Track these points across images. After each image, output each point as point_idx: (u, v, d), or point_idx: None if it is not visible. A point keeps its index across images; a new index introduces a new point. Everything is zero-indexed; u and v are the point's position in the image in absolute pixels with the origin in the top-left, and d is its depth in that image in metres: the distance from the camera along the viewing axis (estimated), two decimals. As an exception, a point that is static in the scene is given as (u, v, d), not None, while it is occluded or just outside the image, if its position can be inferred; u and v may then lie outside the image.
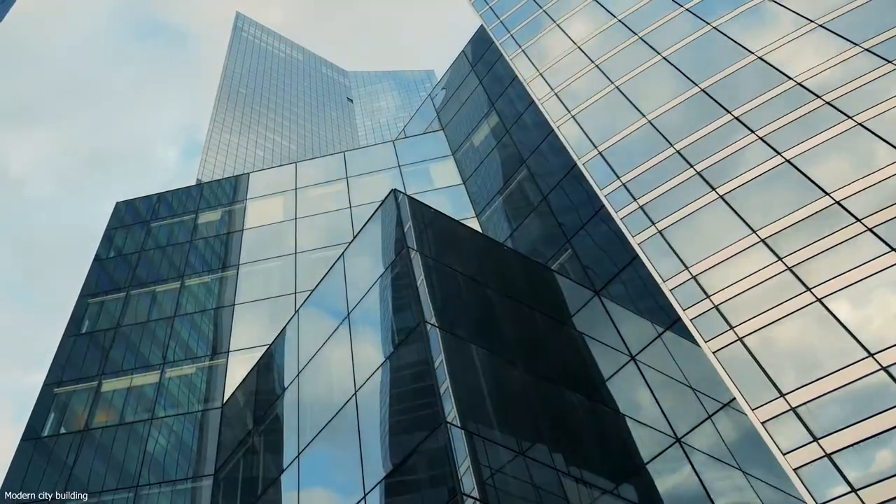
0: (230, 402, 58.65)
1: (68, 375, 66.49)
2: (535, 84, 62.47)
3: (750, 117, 46.19)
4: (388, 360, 41.07)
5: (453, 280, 45.84)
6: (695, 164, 46.27)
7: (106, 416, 61.66)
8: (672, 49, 54.78)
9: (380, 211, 51.27)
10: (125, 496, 54.65)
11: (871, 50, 44.16)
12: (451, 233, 51.37)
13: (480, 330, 43.16)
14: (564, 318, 49.86)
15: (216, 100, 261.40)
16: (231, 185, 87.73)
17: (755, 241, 40.43)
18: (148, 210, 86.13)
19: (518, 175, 66.04)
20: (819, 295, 36.63)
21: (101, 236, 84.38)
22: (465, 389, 37.39)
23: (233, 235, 78.43)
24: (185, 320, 68.84)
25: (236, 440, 54.27)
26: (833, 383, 34.00)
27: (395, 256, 45.81)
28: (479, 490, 31.66)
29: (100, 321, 71.72)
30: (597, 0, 65.61)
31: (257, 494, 47.51)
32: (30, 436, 61.36)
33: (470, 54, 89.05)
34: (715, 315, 39.23)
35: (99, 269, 78.58)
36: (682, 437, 40.80)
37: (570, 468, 37.93)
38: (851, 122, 41.54)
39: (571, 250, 54.81)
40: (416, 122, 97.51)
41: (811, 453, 32.75)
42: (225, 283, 72.24)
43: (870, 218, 37.35)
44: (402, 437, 37.29)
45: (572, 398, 42.80)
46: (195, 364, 64.39)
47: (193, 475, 55.44)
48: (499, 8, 76.91)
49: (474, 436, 34.44)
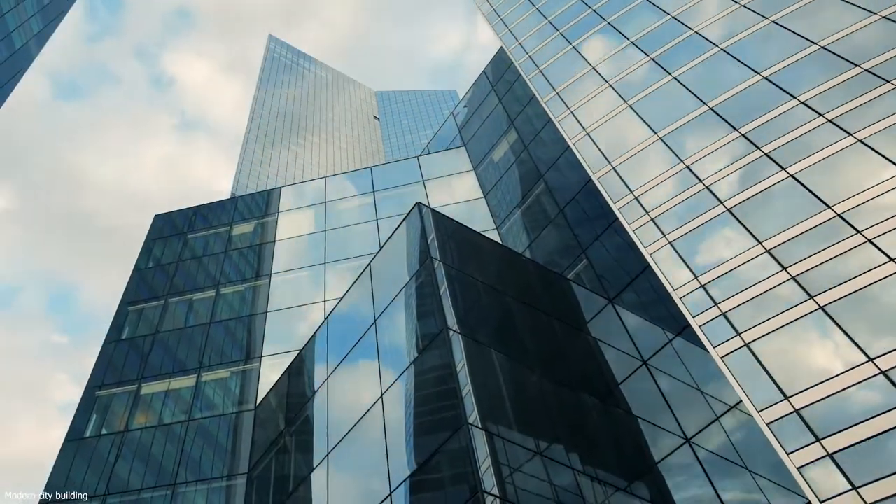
0: (263, 404, 58.71)
1: (109, 379, 66.52)
2: (552, 103, 62.46)
3: (755, 134, 46.13)
4: (412, 364, 41.15)
5: (474, 289, 45.89)
6: (703, 179, 46.26)
7: (145, 418, 61.77)
8: (682, 69, 54.75)
9: (405, 223, 51.32)
10: (163, 494, 54.53)
11: (870, 70, 44.17)
12: (473, 244, 51.40)
13: (500, 336, 43.19)
14: (580, 325, 49.81)
15: (249, 117, 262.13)
16: (263, 199, 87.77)
17: (761, 252, 40.37)
18: (185, 222, 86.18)
19: (536, 189, 66.07)
20: (821, 303, 36.64)
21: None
22: (486, 392, 37.47)
23: (265, 246, 78.38)
24: (220, 327, 68.87)
25: (269, 440, 54.54)
26: (834, 386, 33.87)
27: (420, 266, 45.92)
28: (498, 488, 31.90)
29: (139, 328, 71.71)
30: (610, 24, 65.64)
31: (288, 492, 47.59)
32: (73, 436, 61.30)
33: (490, 74, 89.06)
34: (722, 322, 39.18)
35: (138, 279, 78.66)
36: (691, 438, 40.77)
37: (586, 467, 37.88)
38: (852, 139, 41.58)
39: (586, 260, 54.83)
40: (440, 138, 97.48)
41: (814, 453, 32.65)
42: (258, 292, 72.21)
43: (869, 230, 37.39)
44: (426, 438, 37.39)
45: (587, 400, 42.84)
46: (230, 368, 64.32)
47: (228, 474, 55.44)
48: (518, 31, 77.01)
49: (494, 436, 34.68)
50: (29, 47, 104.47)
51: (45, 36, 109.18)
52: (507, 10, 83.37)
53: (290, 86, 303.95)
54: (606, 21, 66.49)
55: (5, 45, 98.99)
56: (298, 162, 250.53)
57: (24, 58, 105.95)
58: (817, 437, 33.00)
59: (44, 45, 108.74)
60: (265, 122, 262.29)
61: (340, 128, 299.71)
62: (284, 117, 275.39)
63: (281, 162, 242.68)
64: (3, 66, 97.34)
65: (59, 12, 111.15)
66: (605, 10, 68.21)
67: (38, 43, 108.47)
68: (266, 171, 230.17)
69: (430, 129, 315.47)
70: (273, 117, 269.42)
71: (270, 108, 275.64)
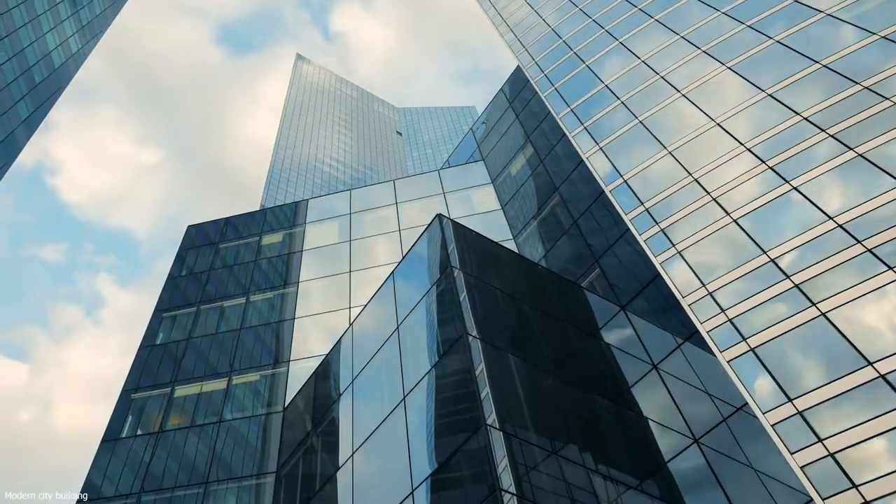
0: (291, 406, 58.87)
1: (144, 382, 66.76)
2: (566, 119, 62.53)
3: (761, 149, 46.20)
4: (433, 368, 41.22)
5: (493, 296, 45.84)
6: (711, 192, 46.37)
7: (178, 419, 61.92)
8: (690, 87, 54.90)
9: (426, 234, 51.42)
10: (196, 492, 54.66)
11: (870, 88, 44.26)
12: (491, 253, 51.30)
13: (517, 341, 43.15)
14: (593, 331, 49.70)
15: (278, 131, 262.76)
16: (291, 210, 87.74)
17: (765, 261, 40.47)
18: (216, 233, 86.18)
19: (551, 201, 66.08)
20: (823, 309, 36.75)
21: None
22: (504, 395, 37.42)
23: (293, 255, 78.40)
24: (249, 332, 68.97)
25: (296, 441, 54.60)
26: (836, 389, 33.92)
27: (440, 275, 45.96)
28: (515, 486, 31.91)
29: (173, 333, 71.96)
30: (622, 43, 65.72)
31: (315, 490, 47.61)
32: (109, 437, 61.64)
33: (508, 92, 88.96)
34: (729, 327, 39.22)
35: (172, 287, 78.78)
36: (699, 438, 40.68)
37: (599, 466, 37.77)
38: (852, 154, 41.69)
39: (599, 269, 54.83)
40: (459, 153, 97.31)
41: (816, 452, 32.70)
42: (286, 299, 72.18)
43: (869, 240, 37.51)
44: (447, 438, 37.42)
45: (600, 403, 42.79)
46: (259, 372, 64.37)
47: (257, 473, 55.43)
48: (534, 50, 77.10)
49: (512, 437, 34.67)
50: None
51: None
52: (523, 30, 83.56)
53: (316, 102, 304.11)
54: (618, 41, 66.62)
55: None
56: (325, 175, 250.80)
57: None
58: (819, 438, 33.08)
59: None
60: (293, 137, 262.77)
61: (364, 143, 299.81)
62: (311, 132, 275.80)
63: (308, 175, 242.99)
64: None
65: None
66: (617, 30, 68.37)
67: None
68: (294, 183, 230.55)
69: (450, 144, 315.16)
70: (301, 133, 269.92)
71: (298, 124, 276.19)
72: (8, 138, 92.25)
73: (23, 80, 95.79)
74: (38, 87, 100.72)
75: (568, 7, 79.92)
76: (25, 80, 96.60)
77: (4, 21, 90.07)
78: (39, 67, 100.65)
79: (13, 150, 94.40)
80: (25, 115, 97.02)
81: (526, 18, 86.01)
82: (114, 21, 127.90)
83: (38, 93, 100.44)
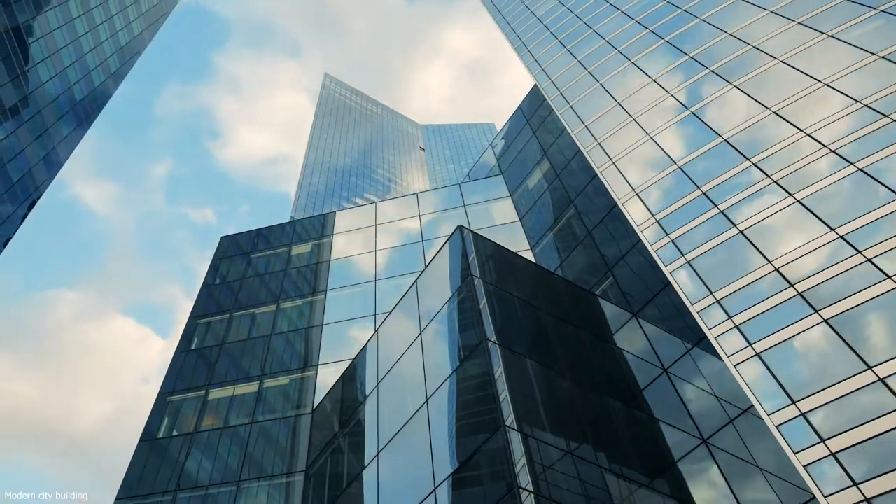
0: (319, 408, 59.11)
1: (180, 385, 67.12)
2: (581, 135, 62.55)
3: (766, 164, 46.32)
4: (454, 372, 41.49)
5: (511, 304, 46.04)
6: (718, 204, 46.41)
7: (212, 421, 62.23)
8: (699, 105, 55.03)
9: (448, 244, 51.65)
10: (229, 490, 54.90)
11: (870, 106, 44.37)
12: (509, 263, 51.49)
13: (534, 346, 43.31)
14: (606, 336, 49.83)
15: (307, 147, 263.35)
16: (320, 222, 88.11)
17: (770, 270, 40.60)
18: (248, 243, 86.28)
19: (567, 213, 66.11)
20: (825, 316, 36.87)
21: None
22: (521, 398, 37.77)
23: (321, 265, 78.69)
24: (280, 338, 69.15)
25: (324, 441, 54.80)
26: (837, 392, 33.93)
27: (461, 283, 46.16)
28: (533, 484, 32.34)
29: (207, 339, 72.24)
30: (634, 64, 65.78)
31: (342, 488, 47.92)
32: (147, 437, 61.87)
33: (525, 109, 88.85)
34: (736, 333, 39.27)
35: (206, 294, 79.05)
36: (707, 439, 40.82)
37: (612, 465, 37.99)
38: (853, 168, 41.80)
39: (612, 278, 54.88)
40: (479, 167, 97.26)
41: (819, 452, 32.73)
42: (314, 307, 72.31)
43: (869, 250, 37.63)
44: (467, 439, 37.78)
45: (613, 405, 42.89)
46: (289, 375, 64.58)
47: (287, 471, 55.55)
48: (551, 70, 77.21)
49: (529, 437, 35.08)
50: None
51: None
52: (540, 50, 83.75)
53: (344, 119, 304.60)
54: (630, 61, 66.72)
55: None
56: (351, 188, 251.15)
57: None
58: (822, 438, 33.17)
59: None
60: (321, 152, 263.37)
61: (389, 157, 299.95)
62: (338, 147, 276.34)
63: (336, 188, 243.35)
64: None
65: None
66: (629, 51, 68.49)
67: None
68: (322, 196, 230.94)
69: (470, 159, 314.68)
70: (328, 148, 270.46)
71: (326, 140, 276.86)
72: (49, 154, 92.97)
73: (64, 98, 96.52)
74: (78, 105, 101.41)
75: (583, 29, 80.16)
76: (66, 98, 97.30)
77: (48, 41, 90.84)
78: (80, 86, 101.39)
79: (55, 166, 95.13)
80: (67, 132, 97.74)
81: (543, 40, 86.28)
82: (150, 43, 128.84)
83: (77, 111, 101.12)
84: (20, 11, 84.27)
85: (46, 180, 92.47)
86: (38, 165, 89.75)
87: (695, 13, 66.14)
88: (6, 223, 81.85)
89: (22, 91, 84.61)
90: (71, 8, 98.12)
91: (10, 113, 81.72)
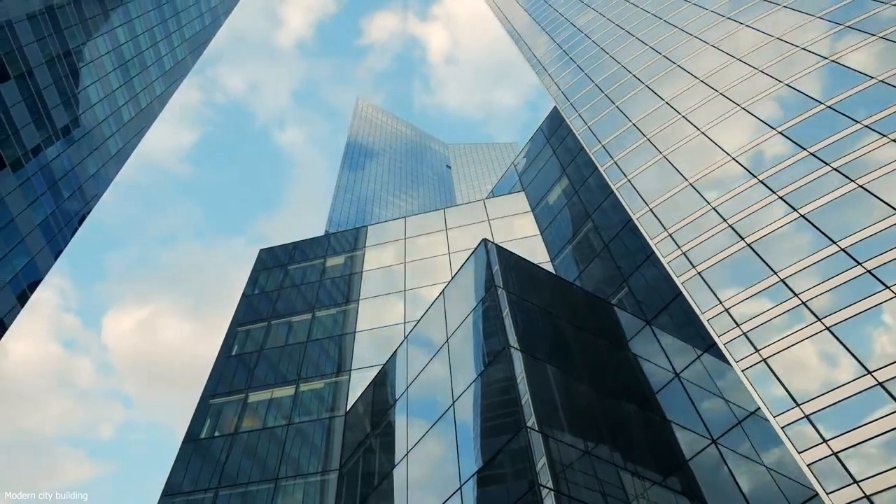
0: (352, 410, 59.34)
1: (221, 389, 67.36)
2: (598, 154, 62.72)
3: (773, 181, 46.46)
4: (479, 376, 41.71)
5: (532, 312, 46.20)
6: (727, 219, 46.65)
7: (252, 422, 62.39)
8: (710, 125, 55.20)
9: (473, 256, 51.94)
10: (267, 487, 55.08)
11: (870, 127, 44.55)
12: (531, 274, 51.73)
13: (554, 353, 43.53)
14: (622, 343, 49.91)
15: (341, 165, 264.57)
16: (353, 236, 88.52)
17: (776, 281, 40.80)
18: (285, 256, 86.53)
19: (585, 227, 66.28)
20: (828, 324, 37.08)
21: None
22: (542, 401, 37.98)
23: (354, 276, 79.13)
24: (315, 345, 69.36)
25: (357, 441, 55.07)
26: (839, 395, 34.20)
27: (486, 293, 46.42)
28: (553, 482, 32.60)
29: (247, 345, 72.52)
30: (647, 87, 66.08)
31: (374, 485, 48.18)
32: (190, 438, 62.43)
33: (546, 130, 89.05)
34: (743, 340, 39.46)
35: (246, 304, 79.41)
36: (717, 439, 40.92)
37: (627, 464, 38.12)
38: (854, 185, 42.01)
39: (628, 288, 55.03)
40: (502, 184, 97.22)
41: (821, 452, 33.07)
42: (347, 315, 72.57)
43: (870, 262, 37.85)
44: (491, 439, 37.95)
45: (628, 407, 42.94)
46: (323, 380, 64.77)
47: (322, 470, 55.68)
48: (569, 92, 77.38)
49: (549, 438, 35.32)
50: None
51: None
52: (560, 74, 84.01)
53: (374, 139, 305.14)
54: (645, 84, 66.95)
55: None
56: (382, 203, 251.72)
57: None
58: (824, 439, 33.43)
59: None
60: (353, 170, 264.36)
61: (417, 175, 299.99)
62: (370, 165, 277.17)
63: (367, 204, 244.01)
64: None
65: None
66: (644, 74, 68.74)
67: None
68: (355, 212, 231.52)
69: (493, 176, 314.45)
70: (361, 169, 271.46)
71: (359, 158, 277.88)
72: (99, 171, 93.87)
73: (112, 119, 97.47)
74: (127, 125, 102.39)
75: (599, 54, 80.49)
76: (115, 119, 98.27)
77: (97, 66, 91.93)
78: (128, 108, 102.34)
79: (104, 182, 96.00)
80: (115, 151, 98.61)
81: (562, 64, 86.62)
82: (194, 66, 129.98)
83: (126, 130, 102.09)
84: (71, 38, 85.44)
85: (96, 196, 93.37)
86: (89, 182, 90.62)
87: (705, 39, 66.60)
88: (57, 237, 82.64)
89: (73, 112, 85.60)
90: (119, 34, 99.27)
91: (62, 133, 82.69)
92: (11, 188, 72.13)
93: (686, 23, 72.45)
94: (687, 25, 71.72)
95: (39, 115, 77.45)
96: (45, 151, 78.88)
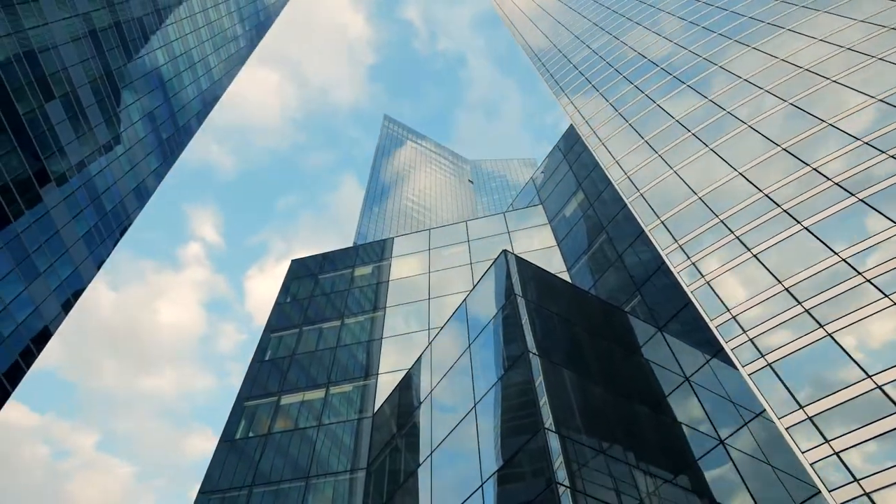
0: (379, 412, 59.63)
1: (255, 392, 67.93)
2: (612, 169, 62.80)
3: (777, 195, 46.51)
4: (499, 380, 41.85)
5: (550, 320, 46.22)
6: (735, 231, 46.80)
7: (284, 423, 62.85)
8: (718, 142, 55.30)
9: (493, 266, 52.15)
10: (299, 485, 55.51)
11: (870, 143, 44.67)
12: (548, 283, 51.75)
13: (570, 358, 43.57)
14: (634, 349, 49.83)
15: (369, 179, 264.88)
16: (380, 247, 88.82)
17: (780, 290, 40.98)
18: (316, 266, 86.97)
19: (599, 239, 66.27)
20: (829, 330, 37.19)
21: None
22: (559, 403, 38.06)
23: (381, 285, 79.51)
24: (344, 350, 69.80)
25: (383, 442, 55.25)
26: (840, 398, 34.27)
27: (505, 301, 46.61)
28: (569, 480, 32.86)
29: (279, 350, 73.13)
30: (659, 106, 65.97)
31: (399, 483, 48.34)
32: (226, 438, 62.96)
33: (562, 146, 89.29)
34: (750, 346, 39.49)
35: (279, 311, 80.00)
36: (724, 440, 40.93)
37: (639, 463, 38.06)
38: (854, 199, 42.12)
39: (640, 296, 55.07)
40: (521, 198, 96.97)
41: (824, 452, 33.11)
42: (375, 322, 73.12)
43: (869, 271, 37.98)
44: (510, 440, 37.97)
45: (640, 410, 42.81)
46: (352, 383, 65.08)
47: (351, 468, 56.01)
48: (585, 111, 77.72)
49: (566, 438, 35.54)
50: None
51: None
52: (576, 94, 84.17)
53: (401, 154, 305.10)
54: (656, 103, 67.07)
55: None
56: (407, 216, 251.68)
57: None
58: (826, 439, 33.53)
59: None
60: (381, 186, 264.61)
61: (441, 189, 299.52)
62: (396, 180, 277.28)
63: (393, 216, 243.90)
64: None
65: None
66: (655, 94, 68.80)
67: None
68: (382, 224, 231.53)
69: (513, 190, 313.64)
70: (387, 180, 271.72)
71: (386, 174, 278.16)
72: (139, 186, 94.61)
73: (152, 136, 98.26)
74: (165, 142, 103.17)
75: (613, 75, 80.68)
76: (154, 136, 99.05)
77: (137, 86, 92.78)
78: (166, 126, 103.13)
79: (144, 196, 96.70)
80: (155, 167, 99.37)
81: (578, 84, 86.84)
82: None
83: (164, 148, 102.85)
84: (112, 59, 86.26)
85: (136, 209, 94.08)
86: (129, 196, 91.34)
87: (713, 61, 66.79)
88: (100, 248, 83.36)
89: (115, 130, 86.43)
90: (158, 55, 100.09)
91: (104, 149, 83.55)
92: (56, 202, 72.95)
93: (695, 45, 72.76)
94: (696, 48, 72.01)
95: (83, 132, 78.33)
96: (89, 167, 79.71)
